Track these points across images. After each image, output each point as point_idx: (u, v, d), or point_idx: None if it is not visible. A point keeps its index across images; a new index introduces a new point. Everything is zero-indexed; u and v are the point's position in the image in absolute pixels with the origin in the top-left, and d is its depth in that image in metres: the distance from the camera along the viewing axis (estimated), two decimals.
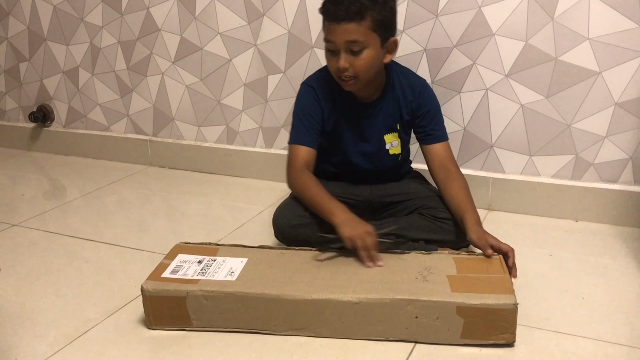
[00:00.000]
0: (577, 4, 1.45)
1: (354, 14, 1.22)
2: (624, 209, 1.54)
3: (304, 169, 1.35)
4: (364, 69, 1.27)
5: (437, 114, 1.42)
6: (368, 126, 1.42)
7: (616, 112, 1.49)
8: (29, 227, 1.67)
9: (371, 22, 1.24)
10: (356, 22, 1.23)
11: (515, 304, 1.04)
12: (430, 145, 1.41)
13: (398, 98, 1.40)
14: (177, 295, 1.11)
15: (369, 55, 1.27)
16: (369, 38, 1.25)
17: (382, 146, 1.43)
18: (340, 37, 1.24)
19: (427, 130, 1.41)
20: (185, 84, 2.00)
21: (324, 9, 1.27)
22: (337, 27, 1.24)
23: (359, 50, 1.25)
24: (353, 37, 1.24)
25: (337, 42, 1.25)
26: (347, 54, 1.26)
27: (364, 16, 1.23)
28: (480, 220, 1.29)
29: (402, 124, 1.43)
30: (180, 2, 1.91)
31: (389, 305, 1.07)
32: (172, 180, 2.02)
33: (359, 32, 1.24)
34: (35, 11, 2.19)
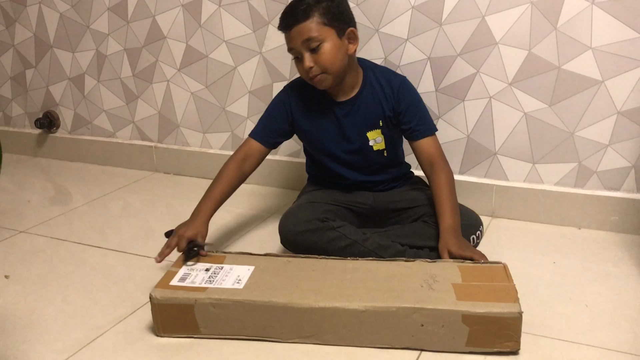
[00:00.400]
0: (580, 14, 1.46)
1: (301, 16, 1.30)
2: (626, 217, 1.55)
3: (238, 159, 1.44)
4: (328, 61, 1.33)
5: (418, 108, 1.44)
6: (349, 125, 1.44)
7: (619, 120, 1.50)
8: (36, 234, 1.68)
9: (320, 17, 1.31)
10: (305, 22, 1.30)
11: (520, 313, 1.05)
12: (417, 142, 1.43)
13: (377, 94, 1.43)
14: (185, 304, 1.12)
15: (329, 48, 1.32)
16: (323, 32, 1.31)
17: (365, 143, 1.45)
18: (296, 40, 1.32)
19: (412, 127, 1.43)
20: (191, 91, 2.02)
21: (279, 23, 1.36)
22: (291, 33, 1.32)
23: (317, 46, 1.31)
24: (306, 36, 1.31)
25: (296, 46, 1.33)
26: (309, 54, 1.32)
27: (311, 14, 1.30)
28: (457, 221, 1.32)
29: (384, 119, 1.44)
30: (186, 10, 1.93)
31: (395, 314, 1.08)
32: (177, 187, 2.04)
33: (310, 29, 1.30)
34: (41, 18, 2.21)
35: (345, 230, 1.33)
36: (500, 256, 1.35)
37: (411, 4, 1.62)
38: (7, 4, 2.25)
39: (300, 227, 1.34)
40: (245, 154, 1.45)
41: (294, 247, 1.36)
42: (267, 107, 1.50)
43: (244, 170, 1.45)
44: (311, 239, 1.33)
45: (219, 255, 1.28)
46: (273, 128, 1.47)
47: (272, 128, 1.47)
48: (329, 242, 1.32)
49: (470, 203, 1.56)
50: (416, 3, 1.61)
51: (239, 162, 1.44)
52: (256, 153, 1.46)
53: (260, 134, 1.47)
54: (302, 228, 1.34)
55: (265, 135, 1.47)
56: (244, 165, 1.45)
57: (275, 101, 1.49)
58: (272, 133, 1.47)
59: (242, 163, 1.45)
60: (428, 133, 1.43)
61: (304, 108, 1.46)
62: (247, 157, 1.45)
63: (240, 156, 1.45)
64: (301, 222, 1.34)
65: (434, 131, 1.44)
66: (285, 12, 1.34)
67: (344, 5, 1.37)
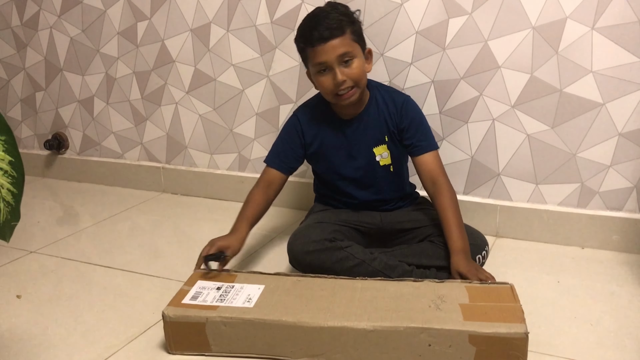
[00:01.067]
0: (580, 38, 1.50)
1: (337, 30, 1.34)
2: (629, 236, 1.57)
3: (262, 187, 1.50)
4: (359, 75, 1.38)
5: (421, 125, 1.48)
6: (356, 141, 1.49)
7: (620, 142, 1.53)
8: (46, 254, 1.71)
9: (351, 34, 1.37)
10: (340, 37, 1.35)
11: (526, 333, 1.06)
12: (419, 157, 1.46)
13: (382, 110, 1.48)
14: (197, 321, 1.14)
15: (359, 63, 1.38)
16: (354, 48, 1.37)
17: (372, 159, 1.49)
18: (331, 54, 1.35)
19: (414, 142, 1.46)
20: (199, 113, 2.06)
21: (305, 37, 1.38)
22: (325, 46, 1.34)
23: (349, 60, 1.36)
24: (343, 50, 1.35)
25: (329, 60, 1.35)
26: (341, 68, 1.36)
27: (345, 30, 1.35)
28: (466, 242, 1.34)
29: (389, 135, 1.48)
30: (195, 35, 1.97)
31: (403, 334, 1.09)
32: (185, 207, 2.06)
33: (346, 44, 1.35)
34: (52, 43, 2.26)
35: (353, 250, 1.36)
36: (505, 276, 1.37)
37: (415, 29, 1.66)
38: (19, 29, 2.31)
39: (309, 247, 1.36)
40: (267, 182, 1.50)
41: (302, 266, 1.38)
42: (280, 133, 1.54)
43: (269, 195, 1.50)
44: (319, 259, 1.35)
45: (230, 274, 1.30)
46: (288, 154, 1.51)
47: (287, 154, 1.51)
48: (337, 261, 1.34)
49: (474, 223, 1.58)
50: (420, 28, 1.65)
51: (264, 189, 1.50)
52: (277, 180, 1.51)
53: (276, 162, 1.51)
54: (310, 248, 1.36)
55: (282, 162, 1.51)
56: (268, 191, 1.50)
57: (287, 127, 1.53)
58: (287, 159, 1.51)
59: (266, 190, 1.50)
60: (429, 149, 1.46)
61: (314, 129, 1.50)
62: (270, 185, 1.50)
63: (264, 184, 1.50)
64: (310, 242, 1.37)
65: (436, 148, 1.47)
66: (313, 26, 1.36)
67: (360, 25, 1.43)
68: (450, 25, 1.62)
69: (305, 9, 1.77)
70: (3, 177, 0.83)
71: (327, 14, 1.36)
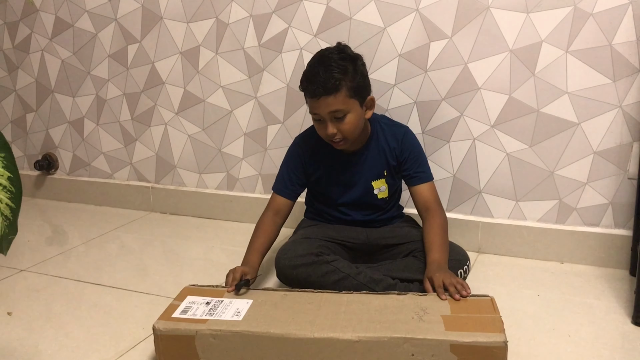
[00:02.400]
0: (555, 61, 1.57)
1: (331, 89, 1.36)
2: (606, 251, 1.62)
3: (271, 215, 1.54)
4: (351, 131, 1.42)
5: (419, 157, 1.54)
6: (355, 174, 1.54)
7: (595, 160, 1.60)
8: (36, 272, 1.72)
9: (347, 91, 1.38)
10: (334, 95, 1.36)
11: (505, 342, 1.10)
12: (415, 187, 1.52)
13: (382, 146, 1.53)
14: (186, 334, 1.17)
15: (353, 118, 1.40)
16: (349, 104, 1.39)
17: (370, 191, 1.55)
18: (323, 110, 1.38)
19: (411, 173, 1.53)
20: (188, 133, 2.10)
21: (303, 87, 1.41)
22: (318, 102, 1.38)
23: (342, 116, 1.39)
24: (334, 108, 1.38)
25: (321, 114, 1.39)
26: (333, 122, 1.40)
27: (340, 88, 1.36)
28: (445, 258, 1.37)
29: (389, 169, 1.54)
30: (184, 57, 2.02)
31: (387, 344, 1.13)
32: (174, 226, 2.09)
33: (339, 102, 1.37)
34: (43, 65, 2.30)
35: (339, 264, 1.40)
36: (486, 290, 1.42)
37: (398, 52, 1.72)
38: (11, 52, 2.34)
39: (295, 262, 1.40)
40: (275, 210, 1.55)
41: (289, 280, 1.41)
42: (284, 160, 1.59)
43: (277, 222, 1.54)
44: (306, 273, 1.38)
45: (219, 289, 1.33)
46: (293, 181, 1.56)
47: (292, 181, 1.56)
48: (323, 275, 1.38)
49: (457, 239, 1.63)
50: (403, 51, 1.71)
51: (271, 216, 1.54)
52: (284, 207, 1.55)
53: (283, 189, 1.56)
54: (297, 262, 1.39)
55: (288, 190, 1.56)
56: (276, 218, 1.54)
57: (291, 155, 1.58)
58: (293, 186, 1.56)
59: (274, 216, 1.54)
60: (426, 180, 1.52)
61: (315, 160, 1.55)
62: (278, 212, 1.55)
63: (272, 212, 1.54)
64: (296, 256, 1.40)
65: (431, 179, 1.53)
66: (311, 79, 1.38)
67: (364, 76, 1.44)
68: (432, 49, 1.68)
69: (292, 34, 1.83)
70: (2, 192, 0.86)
71: (327, 67, 1.36)
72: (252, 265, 1.42)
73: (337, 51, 1.42)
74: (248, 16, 1.89)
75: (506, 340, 1.10)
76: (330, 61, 1.38)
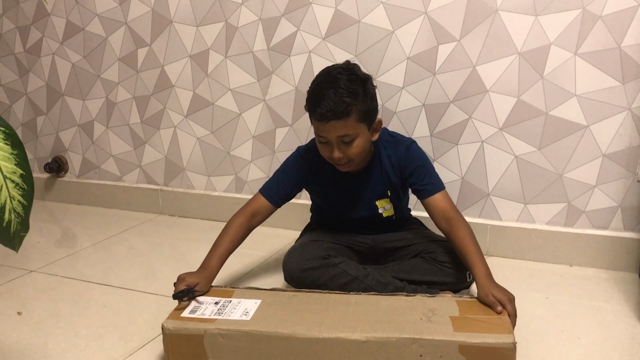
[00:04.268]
0: (564, 64, 1.57)
1: (341, 114, 1.29)
2: (615, 254, 1.61)
3: (246, 215, 1.46)
4: (357, 154, 1.37)
5: (425, 169, 1.46)
6: (358, 195, 1.50)
7: (604, 162, 1.59)
8: (46, 273, 1.73)
9: (357, 116, 1.32)
10: (344, 120, 1.30)
11: (514, 343, 1.10)
12: (428, 199, 1.44)
13: (385, 166, 1.47)
14: (195, 334, 1.17)
15: (360, 143, 1.35)
16: (358, 129, 1.33)
17: (374, 211, 1.52)
18: (331, 134, 1.33)
19: (418, 187, 1.45)
20: (197, 136, 2.11)
21: (310, 108, 1.34)
22: (326, 125, 1.31)
23: (350, 141, 1.34)
24: (343, 133, 1.32)
25: (328, 138, 1.34)
26: (340, 146, 1.34)
27: (350, 113, 1.30)
28: (489, 269, 1.32)
29: (392, 189, 1.49)
30: (194, 61, 2.04)
31: (395, 344, 1.13)
32: (182, 228, 2.10)
33: (348, 127, 1.31)
34: (54, 68, 2.32)
35: (346, 267, 1.40)
36: None
37: (406, 55, 1.73)
38: (22, 55, 2.37)
39: (303, 265, 1.40)
40: (254, 211, 1.48)
41: (297, 283, 1.41)
42: (281, 167, 1.53)
43: (251, 226, 1.47)
44: (314, 276, 1.39)
45: (228, 289, 1.33)
46: (286, 190, 1.49)
47: (285, 189, 1.49)
48: (331, 278, 1.38)
49: None
50: (411, 54, 1.72)
51: (248, 217, 1.46)
52: (264, 211, 1.49)
53: (271, 194, 1.49)
54: (305, 265, 1.40)
55: (276, 196, 1.49)
56: (251, 221, 1.47)
57: (290, 163, 1.52)
58: (283, 194, 1.49)
59: (250, 219, 1.47)
60: (437, 189, 1.43)
61: (316, 173, 1.50)
62: (256, 214, 1.48)
63: (249, 212, 1.47)
64: (304, 259, 1.40)
65: (443, 188, 1.44)
66: (319, 102, 1.31)
67: (374, 98, 1.37)
68: (440, 51, 1.69)
69: (301, 37, 1.84)
70: (14, 189, 0.87)
71: (337, 90, 1.30)
72: (209, 273, 1.35)
73: (347, 72, 1.34)
74: (257, 20, 1.90)
75: (515, 342, 1.10)
76: (339, 83, 1.31)
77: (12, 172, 0.89)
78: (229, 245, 1.43)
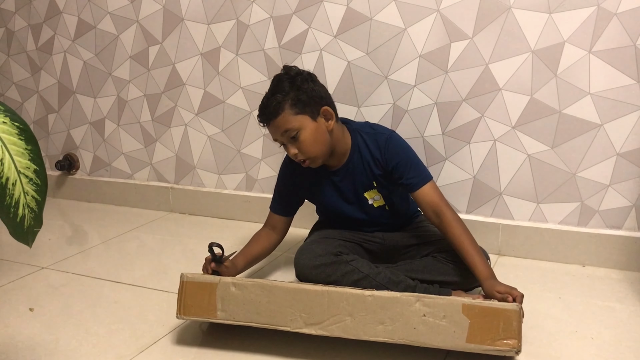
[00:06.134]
0: (578, 62, 1.56)
1: (273, 113, 1.38)
2: (629, 254, 1.60)
3: (267, 229, 1.58)
4: (309, 147, 1.40)
5: (408, 163, 1.44)
6: (345, 189, 1.51)
7: (618, 162, 1.58)
8: (57, 270, 1.74)
9: (290, 109, 1.37)
10: (278, 117, 1.38)
11: (519, 307, 1.10)
12: (416, 192, 1.44)
13: (366, 158, 1.47)
14: (210, 282, 1.26)
15: (307, 134, 1.38)
16: (297, 121, 1.38)
17: (364, 203, 1.52)
18: (275, 133, 1.41)
19: (404, 182, 1.45)
20: (208, 134, 2.11)
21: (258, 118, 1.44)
22: (269, 127, 1.42)
23: (295, 134, 1.38)
24: (282, 129, 1.39)
25: (277, 138, 1.42)
26: (291, 142, 1.40)
27: (281, 108, 1.37)
28: (490, 267, 1.33)
29: (377, 180, 1.49)
30: (205, 59, 2.04)
31: (399, 301, 1.14)
32: (193, 226, 2.10)
33: (284, 122, 1.38)
34: (66, 66, 2.33)
35: (358, 264, 1.39)
36: None
37: (418, 53, 1.72)
38: (34, 53, 2.38)
39: (315, 262, 1.40)
40: (272, 227, 1.57)
41: (308, 280, 1.40)
42: (277, 180, 1.61)
43: (273, 237, 1.57)
44: (325, 273, 1.38)
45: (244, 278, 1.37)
46: (288, 199, 1.58)
47: (287, 200, 1.58)
48: (343, 275, 1.38)
49: (477, 241, 1.61)
50: (423, 52, 1.71)
51: (268, 231, 1.57)
52: (280, 224, 1.58)
53: (278, 208, 1.58)
54: (317, 262, 1.39)
55: (283, 208, 1.58)
56: (272, 233, 1.57)
57: (280, 175, 1.59)
58: (288, 204, 1.58)
59: (270, 232, 1.57)
60: (423, 182, 1.43)
61: (303, 177, 1.53)
62: (274, 228, 1.57)
63: (269, 228, 1.58)
64: (316, 256, 1.40)
65: (429, 179, 1.44)
66: (260, 107, 1.42)
67: (312, 88, 1.41)
68: (452, 49, 1.68)
69: (313, 35, 1.84)
70: (28, 184, 0.88)
71: (269, 93, 1.40)
72: (234, 264, 1.44)
73: (277, 77, 1.43)
74: (268, 17, 1.90)
75: (521, 307, 1.10)
76: (271, 90, 1.41)
77: (26, 167, 0.89)
78: (254, 248, 1.53)
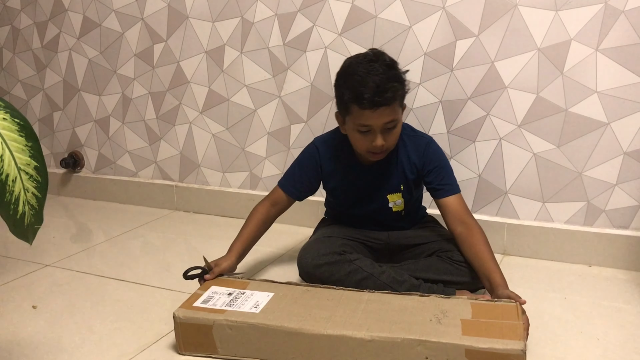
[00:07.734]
0: (585, 60, 1.54)
1: (390, 99, 1.31)
2: (636, 254, 1.58)
3: (267, 205, 1.52)
4: (394, 140, 1.39)
5: (443, 170, 1.46)
6: (371, 186, 1.50)
7: (625, 161, 1.56)
8: (61, 268, 1.74)
9: (399, 100, 1.35)
10: (392, 104, 1.32)
11: (523, 350, 1.05)
12: (442, 199, 1.44)
13: (402, 161, 1.47)
14: (204, 324, 1.19)
15: (399, 128, 1.39)
16: (399, 114, 1.37)
17: (385, 204, 1.51)
18: (379, 120, 1.32)
19: (434, 186, 1.45)
20: (212, 132, 2.11)
21: (356, 96, 1.31)
22: (374, 113, 1.31)
23: (393, 127, 1.35)
24: (390, 118, 1.33)
25: (376, 125, 1.33)
26: (385, 132, 1.35)
27: (396, 98, 1.33)
28: (503, 278, 1.31)
29: (406, 183, 1.48)
30: (209, 57, 2.03)
31: (400, 345, 1.11)
32: (197, 224, 2.10)
33: (394, 112, 1.34)
34: (71, 64, 2.33)
35: (362, 263, 1.38)
36: None
37: (424, 51, 1.71)
38: (40, 51, 2.38)
39: (318, 260, 1.39)
40: (274, 201, 1.53)
41: (312, 279, 1.40)
42: (298, 160, 1.54)
43: (272, 214, 1.52)
44: (329, 271, 1.37)
45: (244, 281, 1.34)
46: (303, 183, 1.52)
47: (302, 182, 1.52)
48: (346, 275, 1.37)
49: None
50: (428, 50, 1.70)
51: (268, 207, 1.52)
52: (284, 202, 1.53)
53: (290, 188, 1.52)
54: (320, 261, 1.39)
55: (295, 189, 1.52)
56: (272, 209, 1.52)
57: (306, 156, 1.52)
58: (302, 187, 1.53)
59: (270, 208, 1.52)
60: (453, 192, 1.44)
61: (333, 168, 1.50)
62: (275, 204, 1.53)
63: (270, 202, 1.53)
64: (319, 255, 1.40)
65: (459, 191, 1.45)
66: (367, 88, 1.29)
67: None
68: (458, 47, 1.66)
69: (317, 33, 1.83)
70: (28, 181, 0.87)
71: (384, 77, 1.30)
72: (233, 253, 1.43)
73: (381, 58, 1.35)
74: (273, 15, 1.89)
75: (525, 349, 1.06)
76: (380, 69, 1.31)
77: (26, 164, 0.89)
78: (252, 229, 1.49)
